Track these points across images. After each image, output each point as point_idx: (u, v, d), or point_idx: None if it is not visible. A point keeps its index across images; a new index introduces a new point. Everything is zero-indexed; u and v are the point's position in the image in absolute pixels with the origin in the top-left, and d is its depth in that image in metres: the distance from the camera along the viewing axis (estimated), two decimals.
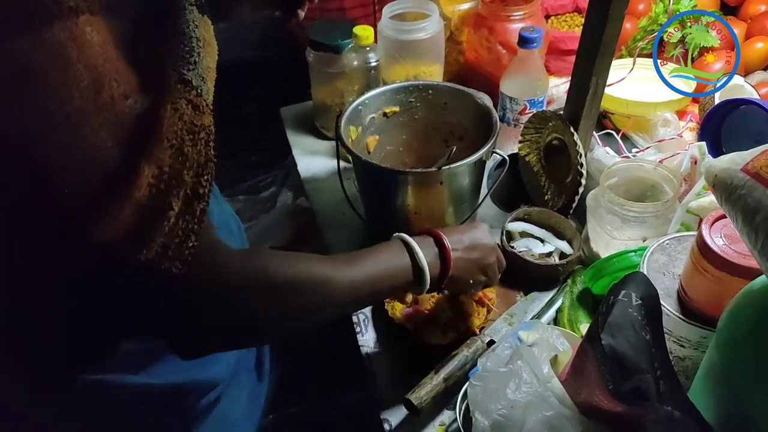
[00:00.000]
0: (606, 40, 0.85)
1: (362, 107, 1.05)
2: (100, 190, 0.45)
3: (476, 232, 0.81)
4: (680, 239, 0.80)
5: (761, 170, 0.50)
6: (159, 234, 0.48)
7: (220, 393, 0.77)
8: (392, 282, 0.71)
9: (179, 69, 0.50)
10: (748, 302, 0.57)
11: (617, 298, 0.69)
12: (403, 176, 0.94)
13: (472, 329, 0.89)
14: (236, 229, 0.89)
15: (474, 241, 0.79)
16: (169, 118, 0.48)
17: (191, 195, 0.49)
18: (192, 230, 0.50)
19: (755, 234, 0.49)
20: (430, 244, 0.76)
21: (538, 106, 1.10)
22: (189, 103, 0.50)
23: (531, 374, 0.65)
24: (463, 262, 0.77)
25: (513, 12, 1.12)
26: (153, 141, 0.47)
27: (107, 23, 0.46)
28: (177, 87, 0.50)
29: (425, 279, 0.72)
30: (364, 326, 0.95)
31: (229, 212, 0.90)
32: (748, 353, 0.55)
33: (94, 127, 0.43)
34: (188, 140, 0.49)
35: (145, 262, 0.48)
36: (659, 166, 0.91)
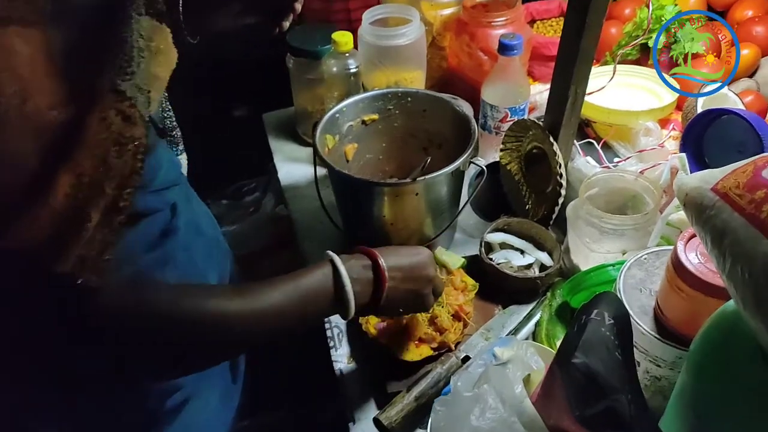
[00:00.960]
0: (584, 48, 0.83)
1: (339, 115, 1.03)
2: (17, 194, 0.44)
3: (418, 259, 0.74)
4: (658, 254, 0.78)
5: (730, 191, 0.48)
6: (76, 244, 0.47)
7: (189, 395, 0.76)
8: (311, 310, 0.66)
9: (113, 78, 0.50)
10: (718, 326, 0.55)
11: (590, 317, 0.67)
12: (377, 187, 0.92)
13: (447, 344, 0.86)
14: (211, 231, 0.87)
15: (413, 269, 0.73)
16: (95, 127, 0.47)
17: (111, 207, 0.48)
18: (110, 243, 0.49)
19: (723, 258, 0.47)
20: (365, 269, 0.70)
21: (519, 113, 1.08)
22: (119, 114, 0.49)
23: (497, 399, 0.63)
24: (395, 292, 0.71)
25: (494, 18, 1.10)
26: (74, 149, 0.46)
27: (44, 36, 0.45)
28: (108, 96, 0.49)
29: (349, 308, 0.67)
30: (338, 340, 0.92)
31: (203, 213, 0.88)
32: (715, 380, 0.53)
33: (15, 133, 0.43)
34: (114, 151, 0.48)
35: (64, 274, 0.47)
36: (640, 176, 0.89)
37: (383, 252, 0.72)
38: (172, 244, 0.71)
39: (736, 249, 0.45)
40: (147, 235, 0.68)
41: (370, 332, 0.88)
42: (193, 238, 0.78)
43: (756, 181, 0.46)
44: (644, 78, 1.13)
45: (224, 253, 0.92)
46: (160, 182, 0.69)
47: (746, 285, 0.43)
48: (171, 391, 0.73)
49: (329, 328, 0.94)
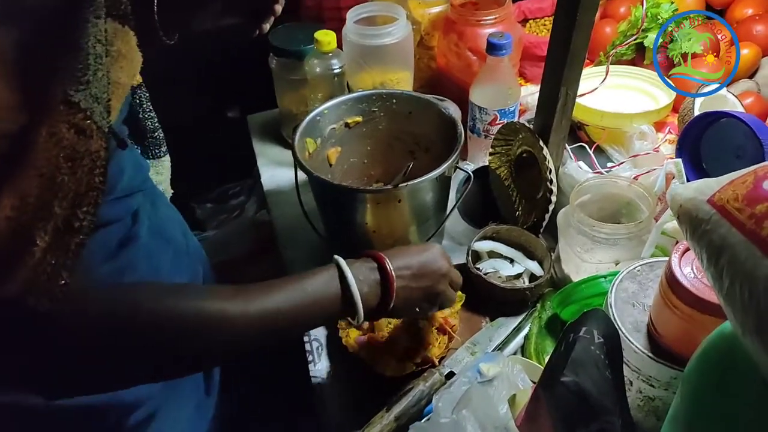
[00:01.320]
0: (574, 48, 0.79)
1: (321, 118, 0.98)
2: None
3: (427, 255, 0.73)
4: (653, 265, 0.73)
5: (728, 204, 0.43)
6: (22, 269, 0.43)
7: (155, 409, 0.72)
8: (317, 313, 0.65)
9: (65, 89, 0.45)
10: (716, 348, 0.51)
11: (578, 335, 0.63)
12: (358, 194, 0.88)
13: (431, 359, 0.82)
14: (180, 237, 0.83)
15: (423, 266, 0.71)
16: (43, 144, 0.44)
17: (63, 228, 0.45)
18: (64, 266, 0.45)
19: (720, 277, 0.42)
20: (371, 270, 0.68)
21: (509, 116, 1.03)
22: (72, 127, 0.45)
23: (476, 426, 0.58)
24: (408, 291, 0.70)
25: (483, 16, 1.05)
26: (18, 168, 0.42)
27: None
28: (59, 109, 0.45)
29: (358, 310, 0.65)
30: (317, 354, 0.88)
31: (171, 218, 0.84)
32: (712, 407, 0.48)
33: None
34: (65, 168, 0.44)
35: (9, 297, 0.44)
36: (634, 183, 0.84)
37: (390, 253, 0.71)
38: (133, 253, 0.68)
39: (734, 268, 0.40)
40: (103, 246, 0.64)
41: (350, 346, 0.83)
42: (157, 246, 0.75)
43: (756, 194, 0.41)
44: (639, 79, 1.09)
45: (196, 261, 0.88)
46: (122, 189, 0.66)
47: (746, 308, 0.39)
48: (129, 409, 0.69)
49: (308, 341, 0.89)
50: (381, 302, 0.68)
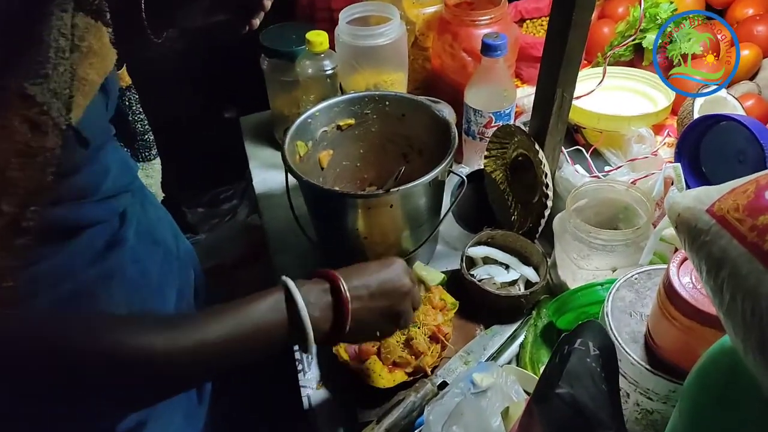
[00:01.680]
0: (570, 49, 0.77)
1: (312, 120, 0.96)
2: None
3: (387, 272, 0.66)
4: (650, 273, 0.71)
5: (728, 214, 0.41)
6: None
7: (146, 416, 0.69)
8: (261, 343, 0.58)
9: (21, 81, 0.44)
10: (716, 363, 0.48)
11: (573, 347, 0.61)
12: (349, 199, 0.86)
13: (423, 369, 0.80)
14: (170, 240, 0.81)
15: (383, 285, 0.65)
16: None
17: (10, 228, 0.43)
18: (10, 268, 0.43)
19: (720, 291, 0.40)
20: (324, 292, 0.61)
21: (504, 118, 1.01)
22: (26, 122, 0.44)
23: None
24: (365, 313, 0.63)
25: (478, 17, 1.03)
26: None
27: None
28: (14, 102, 0.43)
29: (308, 337, 0.58)
30: (307, 363, 0.86)
31: (161, 220, 0.81)
32: (714, 425, 0.46)
33: None
34: (16, 163, 0.43)
35: None
36: (631, 187, 0.82)
37: (346, 272, 0.64)
38: (120, 257, 0.65)
39: (736, 283, 0.38)
40: (89, 248, 0.61)
41: (340, 356, 0.81)
42: (146, 249, 0.72)
43: (759, 204, 0.39)
44: (638, 81, 1.07)
45: (187, 264, 0.86)
46: (108, 190, 0.63)
47: (748, 325, 0.37)
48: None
49: (298, 350, 0.87)
50: (334, 326, 0.61)
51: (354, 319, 0.62)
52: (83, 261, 0.60)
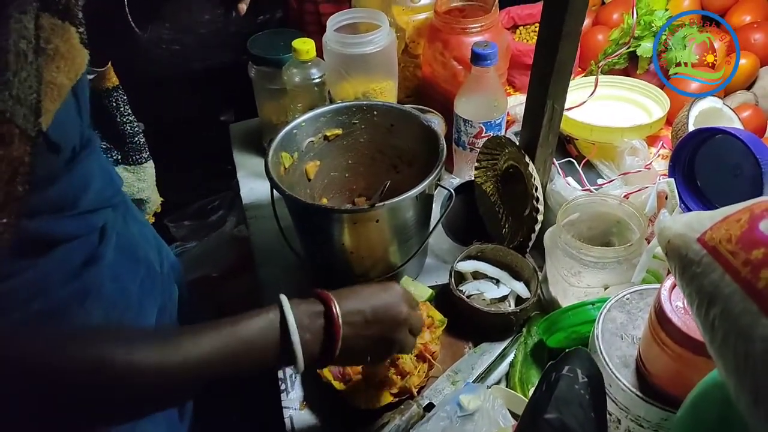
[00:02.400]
0: (561, 59, 0.74)
1: (297, 131, 0.94)
2: None
3: (384, 298, 0.64)
4: (642, 293, 0.69)
5: (720, 245, 0.38)
6: None
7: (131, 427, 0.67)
8: (249, 362, 0.57)
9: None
10: (712, 397, 0.46)
11: (562, 373, 0.58)
12: (334, 214, 0.83)
13: (409, 390, 0.77)
14: (152, 256, 0.78)
15: (377, 311, 0.62)
16: None
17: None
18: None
19: (711, 329, 0.38)
20: (317, 315, 0.60)
21: (495, 128, 0.99)
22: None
23: None
24: (356, 340, 0.61)
25: (468, 24, 1.00)
26: None
27: None
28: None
29: (297, 361, 0.57)
30: (290, 383, 0.83)
31: (143, 235, 0.79)
32: None
33: None
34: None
35: None
36: (624, 201, 0.80)
37: (342, 295, 0.62)
38: (97, 274, 0.63)
39: (728, 322, 0.36)
40: (64, 264, 0.59)
41: (324, 376, 0.79)
42: (126, 266, 0.69)
43: (752, 236, 0.37)
44: (632, 90, 1.04)
45: (170, 281, 0.83)
46: (87, 204, 0.61)
47: (740, 369, 0.34)
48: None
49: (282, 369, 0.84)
50: (324, 350, 0.60)
51: (345, 344, 0.60)
52: (58, 277, 0.58)
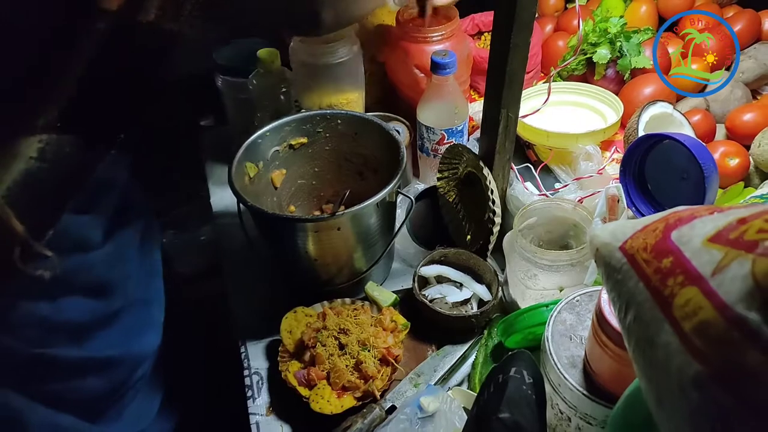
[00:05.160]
0: (511, 69, 0.77)
1: (262, 140, 0.95)
2: None
3: None
4: (592, 295, 0.71)
5: (637, 254, 0.41)
6: None
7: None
8: None
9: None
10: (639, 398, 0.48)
11: (509, 375, 0.61)
12: (297, 223, 0.85)
13: (372, 393, 0.79)
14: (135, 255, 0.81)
15: None
16: None
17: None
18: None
19: (628, 333, 0.40)
20: None
21: (456, 135, 1.01)
22: None
23: None
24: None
25: (429, 33, 1.03)
26: None
27: None
28: None
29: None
30: (257, 389, 0.85)
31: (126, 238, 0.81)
32: None
33: None
34: None
35: None
36: (578, 206, 0.82)
37: None
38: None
39: (639, 329, 0.38)
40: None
41: (289, 381, 0.80)
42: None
43: (664, 246, 0.39)
44: (589, 96, 1.07)
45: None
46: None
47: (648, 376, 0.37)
48: (137, 362, 0.79)
49: (248, 375, 0.86)
50: None
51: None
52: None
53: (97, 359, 0.74)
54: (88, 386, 0.74)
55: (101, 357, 0.74)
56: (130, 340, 0.78)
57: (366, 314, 0.87)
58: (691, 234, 0.38)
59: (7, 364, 0.65)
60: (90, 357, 0.73)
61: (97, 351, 0.74)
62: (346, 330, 0.83)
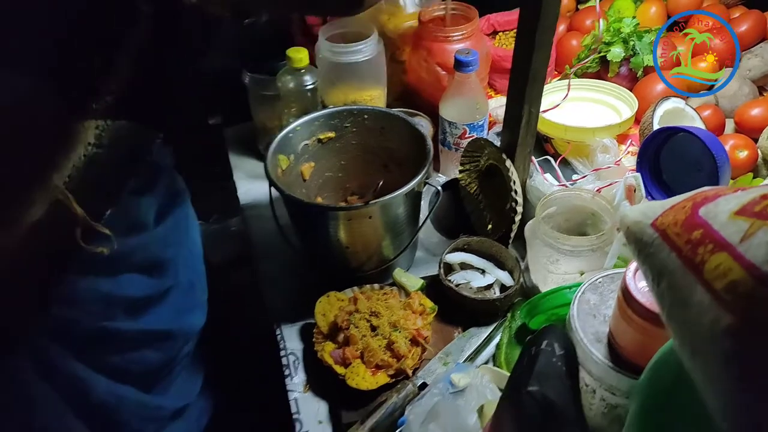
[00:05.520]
0: (535, 67, 0.82)
1: (293, 134, 1.00)
2: None
3: None
4: (613, 277, 0.76)
5: (668, 229, 0.46)
6: None
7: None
8: None
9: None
10: (667, 363, 0.53)
11: (540, 348, 0.66)
12: (330, 212, 0.90)
13: (404, 371, 0.84)
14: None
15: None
16: None
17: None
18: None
19: (661, 299, 0.45)
20: None
21: (478, 130, 1.06)
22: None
23: None
24: None
25: (450, 32, 1.08)
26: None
27: None
28: None
29: None
30: (293, 368, 0.90)
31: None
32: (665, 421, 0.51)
33: None
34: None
35: None
36: (597, 195, 0.87)
37: None
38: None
39: (673, 293, 0.43)
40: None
41: (324, 360, 0.85)
42: None
43: (693, 221, 0.44)
44: (603, 92, 1.12)
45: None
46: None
47: (683, 334, 0.42)
48: (189, 336, 0.85)
49: (285, 356, 0.91)
50: None
51: None
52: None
53: (151, 332, 0.78)
54: (144, 358, 0.79)
55: (155, 330, 0.79)
56: (180, 316, 0.83)
57: (395, 298, 0.92)
58: (717, 210, 0.43)
59: (73, 337, 0.70)
60: (146, 330, 0.78)
61: (151, 325, 0.78)
62: (377, 313, 0.88)
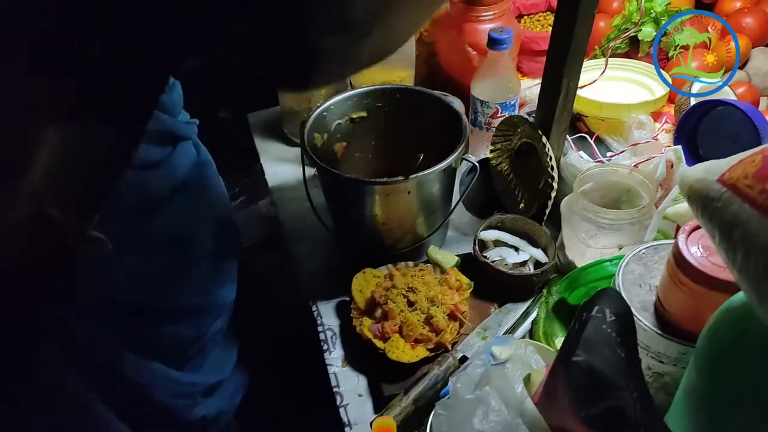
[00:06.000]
0: (576, 40, 0.82)
1: (327, 113, 1.00)
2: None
3: None
4: (657, 248, 0.76)
5: (738, 182, 0.46)
6: None
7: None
8: None
9: None
10: (726, 322, 0.54)
11: (591, 314, 0.65)
12: (369, 186, 0.90)
13: (444, 345, 0.85)
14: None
15: None
16: None
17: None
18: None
19: (733, 251, 0.45)
20: None
21: (509, 109, 1.06)
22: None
23: (500, 401, 0.61)
24: None
25: (482, 12, 1.08)
26: None
27: None
28: None
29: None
30: (331, 343, 0.90)
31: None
32: (728, 379, 0.51)
33: None
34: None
35: None
36: (634, 170, 0.87)
37: None
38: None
39: (747, 242, 0.43)
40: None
41: (364, 334, 0.86)
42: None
43: (766, 171, 0.44)
44: (635, 71, 1.12)
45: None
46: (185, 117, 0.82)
47: (761, 278, 0.42)
48: (219, 312, 0.87)
49: (322, 331, 0.91)
50: None
51: None
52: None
53: (182, 307, 0.79)
54: (175, 333, 0.79)
55: (186, 304, 0.79)
56: (210, 289, 0.83)
57: (430, 275, 0.92)
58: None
59: (104, 314, 0.70)
60: (173, 306, 0.78)
61: (179, 299, 0.79)
62: (414, 288, 0.88)
